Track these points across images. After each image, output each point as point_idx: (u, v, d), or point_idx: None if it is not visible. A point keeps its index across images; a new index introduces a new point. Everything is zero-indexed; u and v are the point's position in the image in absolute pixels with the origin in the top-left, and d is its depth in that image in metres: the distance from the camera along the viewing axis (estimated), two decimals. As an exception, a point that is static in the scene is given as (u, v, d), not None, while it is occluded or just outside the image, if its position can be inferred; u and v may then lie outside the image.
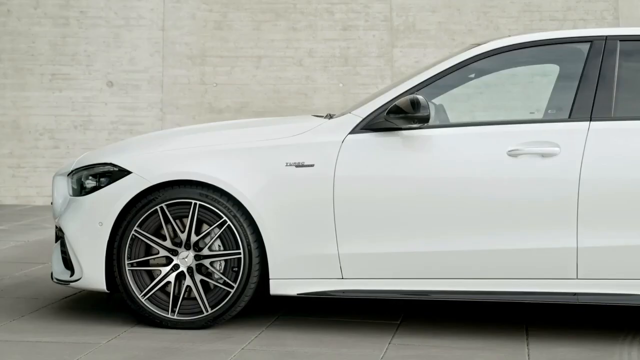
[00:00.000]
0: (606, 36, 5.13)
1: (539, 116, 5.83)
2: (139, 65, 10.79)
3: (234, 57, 10.60)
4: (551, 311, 5.73)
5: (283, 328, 5.27)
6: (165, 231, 5.19)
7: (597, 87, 5.03)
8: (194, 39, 10.68)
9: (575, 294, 4.93)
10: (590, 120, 4.98)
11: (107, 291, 5.25)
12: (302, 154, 5.12)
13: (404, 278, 5.06)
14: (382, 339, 5.06)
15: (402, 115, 5.02)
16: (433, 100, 5.40)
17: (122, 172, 5.22)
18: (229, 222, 5.11)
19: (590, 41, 5.13)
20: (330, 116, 5.56)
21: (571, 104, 5.06)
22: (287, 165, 5.12)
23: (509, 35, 5.45)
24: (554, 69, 5.65)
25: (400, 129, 5.08)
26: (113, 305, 5.71)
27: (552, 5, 10.12)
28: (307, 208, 5.10)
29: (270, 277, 5.12)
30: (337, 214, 5.06)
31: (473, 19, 10.29)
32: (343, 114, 5.33)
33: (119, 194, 5.17)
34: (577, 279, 4.91)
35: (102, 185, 5.26)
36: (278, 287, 5.13)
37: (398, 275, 5.06)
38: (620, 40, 5.10)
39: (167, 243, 5.19)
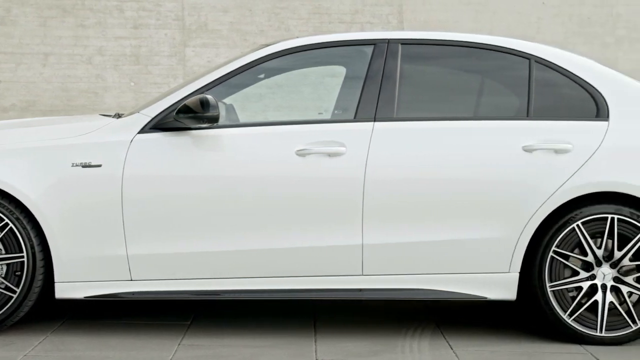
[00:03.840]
0: (388, 39, 5.30)
1: (327, 116, 5.96)
2: None
3: (19, 54, 10.23)
4: (340, 307, 5.87)
5: (69, 333, 5.14)
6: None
7: (380, 88, 5.19)
8: (-24, 34, 10.22)
9: (360, 290, 5.07)
10: (375, 121, 5.14)
11: None
12: (88, 154, 5.01)
13: (194, 278, 5.05)
14: (171, 340, 5.02)
15: (191, 114, 5.00)
16: (224, 100, 5.42)
17: None
18: (10, 225, 4.93)
19: (374, 44, 5.29)
20: (118, 115, 5.47)
21: (356, 104, 5.20)
22: (73, 166, 5.00)
23: (297, 37, 5.54)
24: (342, 71, 5.79)
25: (190, 128, 5.07)
26: None
27: (340, 8, 10.36)
28: (95, 209, 5.00)
29: (55, 280, 4.98)
30: (125, 214, 4.99)
31: (264, 20, 10.39)
32: (132, 114, 5.26)
33: None
34: (362, 275, 5.05)
35: None
36: (64, 290, 4.99)
37: (189, 276, 5.04)
38: (401, 44, 5.29)
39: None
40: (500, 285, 5.08)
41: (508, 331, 5.37)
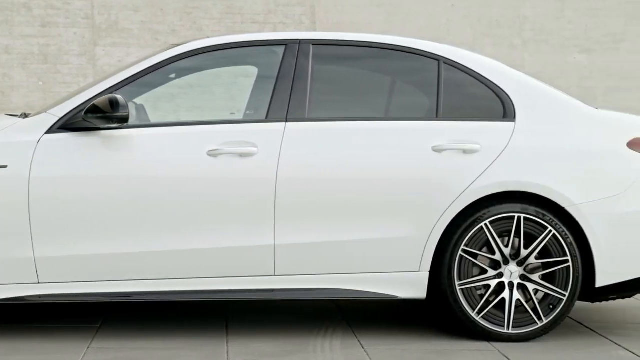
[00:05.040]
0: (300, 40, 5.31)
1: (239, 117, 5.95)
2: None
3: None
4: (252, 307, 5.86)
5: (-25, 337, 5.03)
6: None
7: (292, 89, 5.20)
8: None
9: (272, 290, 5.07)
10: (286, 121, 5.15)
11: None
12: (-6, 154, 4.91)
13: (104, 280, 4.99)
14: (80, 344, 4.95)
15: (100, 115, 4.94)
16: (134, 100, 5.36)
17: None
18: None
19: (285, 44, 5.30)
20: (25, 115, 5.37)
21: (268, 105, 5.20)
22: (-22, 167, 4.89)
23: (209, 37, 5.51)
24: (254, 71, 5.78)
25: (99, 128, 5.00)
26: None
27: (253, 8, 10.34)
28: (0, 210, 4.89)
29: (-41, 284, 4.86)
30: (32, 216, 4.90)
31: (176, 20, 10.31)
32: (39, 113, 5.17)
33: None
34: (274, 275, 5.05)
35: None
36: (-31, 294, 4.89)
37: (98, 278, 4.98)
38: (313, 44, 5.31)
39: None
40: (411, 284, 5.13)
41: (418, 329, 5.44)
